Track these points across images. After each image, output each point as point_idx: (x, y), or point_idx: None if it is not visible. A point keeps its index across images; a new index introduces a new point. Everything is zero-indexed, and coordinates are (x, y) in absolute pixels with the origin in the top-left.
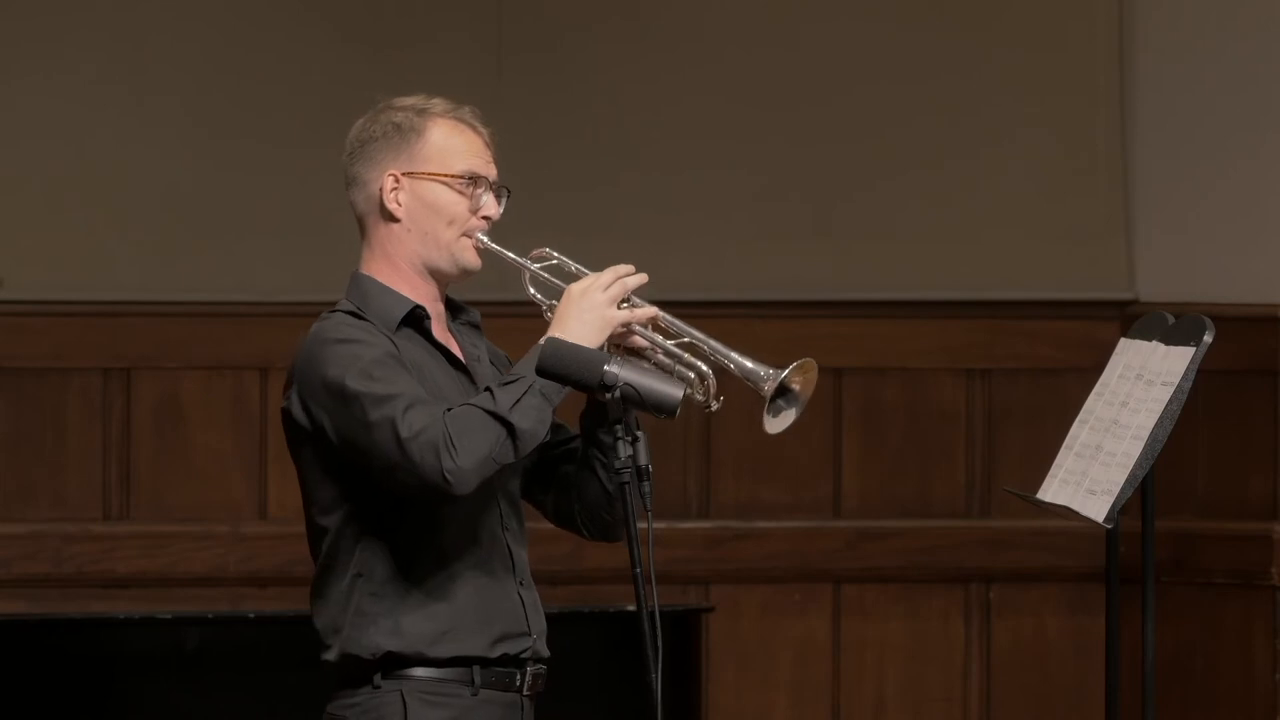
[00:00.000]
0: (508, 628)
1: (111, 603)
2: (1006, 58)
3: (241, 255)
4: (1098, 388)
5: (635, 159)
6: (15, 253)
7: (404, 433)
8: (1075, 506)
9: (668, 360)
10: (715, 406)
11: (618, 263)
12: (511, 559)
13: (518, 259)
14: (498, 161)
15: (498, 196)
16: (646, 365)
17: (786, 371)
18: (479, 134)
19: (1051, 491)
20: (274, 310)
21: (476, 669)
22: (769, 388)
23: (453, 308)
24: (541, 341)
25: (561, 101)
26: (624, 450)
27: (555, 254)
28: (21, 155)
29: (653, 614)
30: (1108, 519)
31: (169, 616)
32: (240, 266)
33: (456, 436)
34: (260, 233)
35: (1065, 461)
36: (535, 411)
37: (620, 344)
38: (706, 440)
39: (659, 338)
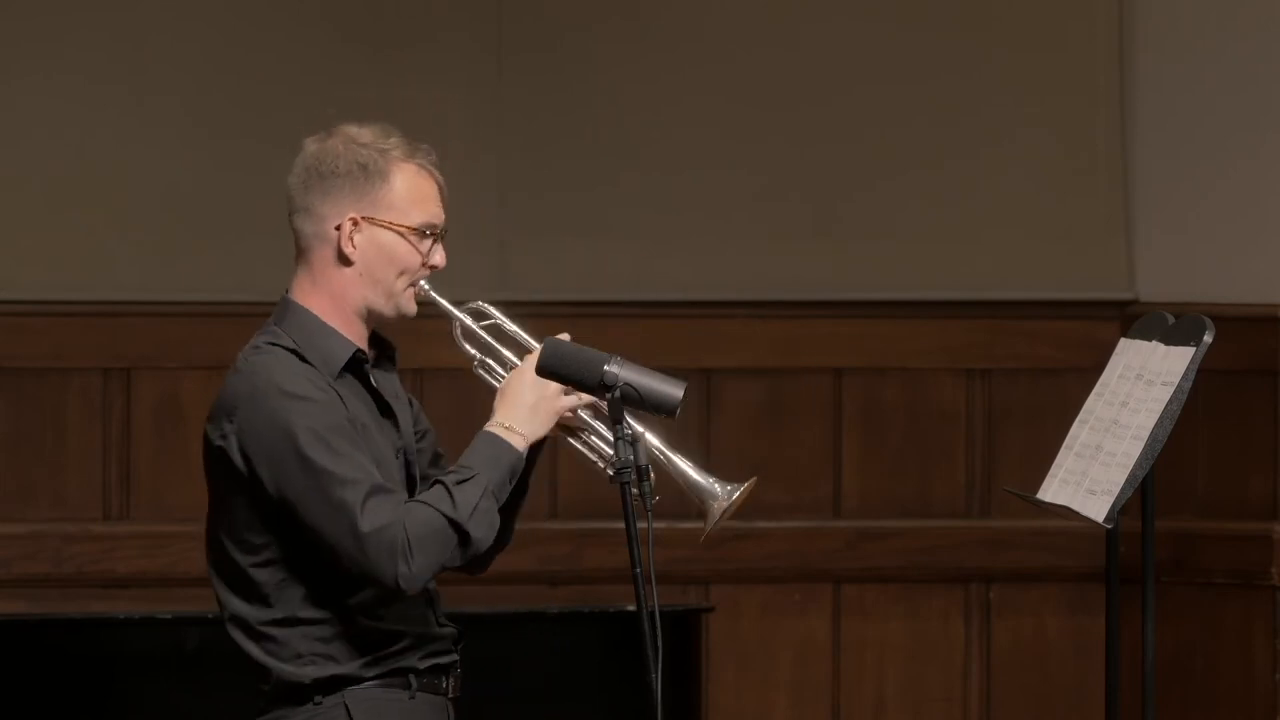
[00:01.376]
0: (436, 655)
1: (111, 603)
2: (1006, 58)
3: (241, 255)
4: (1098, 388)
5: (635, 159)
6: (15, 253)
7: (363, 526)
8: (1075, 506)
9: (602, 445)
10: (649, 502)
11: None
12: (430, 594)
13: (454, 310)
14: (447, 206)
15: (444, 240)
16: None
17: (738, 495)
18: (436, 180)
19: (1051, 491)
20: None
21: (412, 676)
22: (719, 508)
23: (372, 341)
24: (487, 429)
25: (561, 101)
26: (624, 451)
27: (494, 311)
28: (21, 155)
29: (653, 614)
30: (1108, 519)
31: (169, 616)
32: (240, 266)
33: (415, 542)
34: (260, 233)
35: (1065, 461)
36: (489, 517)
37: (561, 424)
38: (707, 440)
39: (598, 424)
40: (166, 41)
